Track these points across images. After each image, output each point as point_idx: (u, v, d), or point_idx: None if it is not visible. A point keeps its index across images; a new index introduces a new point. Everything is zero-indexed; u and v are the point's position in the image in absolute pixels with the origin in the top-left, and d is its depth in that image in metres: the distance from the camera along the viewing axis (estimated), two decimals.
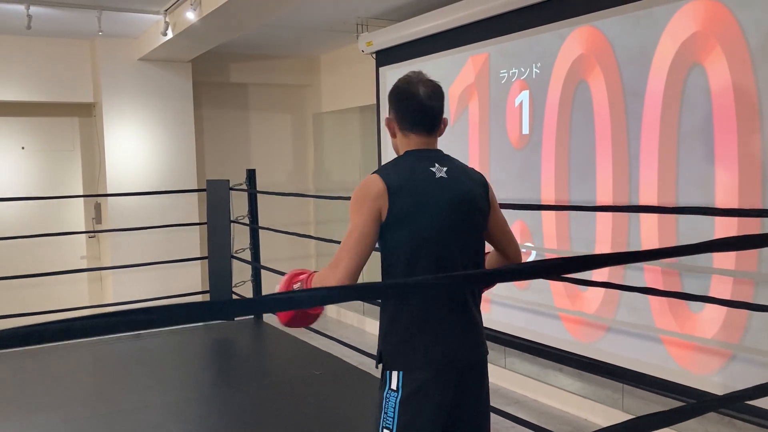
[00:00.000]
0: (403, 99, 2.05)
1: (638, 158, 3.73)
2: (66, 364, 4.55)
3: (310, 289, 1.81)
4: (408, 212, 1.94)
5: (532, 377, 4.66)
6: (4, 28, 5.77)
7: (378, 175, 1.97)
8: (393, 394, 1.96)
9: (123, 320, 0.96)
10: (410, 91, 2.04)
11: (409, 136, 2.05)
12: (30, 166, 6.66)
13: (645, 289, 3.28)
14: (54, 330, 0.88)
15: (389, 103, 2.09)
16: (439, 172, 2.00)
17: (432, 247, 1.97)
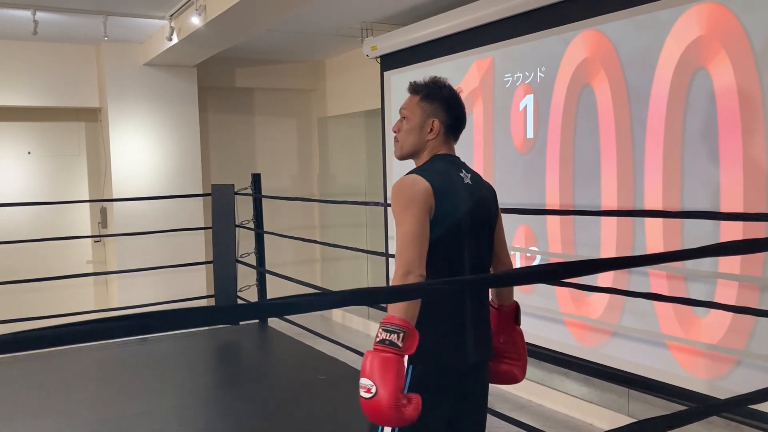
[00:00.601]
0: (456, 106, 2.14)
1: (643, 162, 3.73)
2: (71, 368, 4.56)
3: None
4: (450, 213, 1.98)
5: (538, 382, 4.64)
6: (10, 33, 5.80)
7: (420, 176, 1.99)
8: None
9: (137, 323, 0.97)
10: (460, 101, 2.16)
11: (448, 140, 2.14)
12: (36, 171, 6.69)
13: (650, 294, 3.27)
14: (52, 335, 0.89)
15: (439, 104, 2.11)
16: (466, 178, 2.10)
17: (465, 248, 2.03)
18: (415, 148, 2.13)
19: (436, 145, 2.12)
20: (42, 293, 6.04)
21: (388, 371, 1.73)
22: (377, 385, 1.73)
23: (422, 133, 2.11)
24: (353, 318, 7.08)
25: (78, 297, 6.54)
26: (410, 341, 1.77)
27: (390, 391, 1.72)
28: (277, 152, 7.74)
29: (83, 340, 1.00)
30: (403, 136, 2.13)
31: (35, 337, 0.93)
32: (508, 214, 4.57)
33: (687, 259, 1.54)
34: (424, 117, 2.10)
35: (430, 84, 2.13)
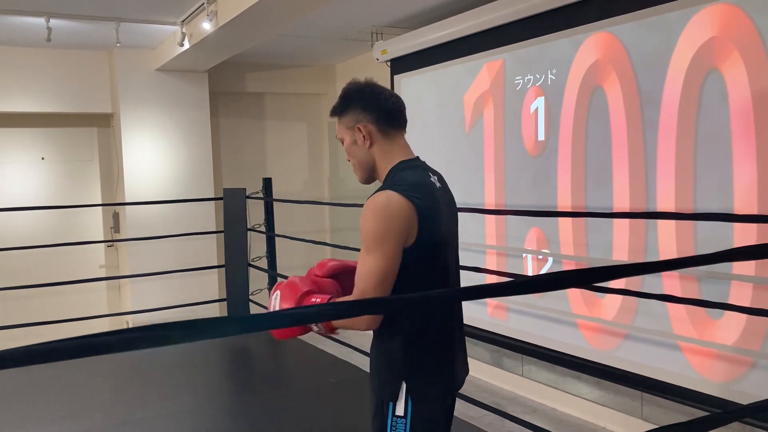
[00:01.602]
0: (375, 99, 1.87)
1: (655, 164, 3.71)
2: (87, 372, 4.59)
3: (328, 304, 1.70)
4: (433, 234, 1.79)
5: (550, 385, 4.63)
6: (24, 40, 5.86)
7: (403, 197, 1.74)
8: (401, 421, 1.82)
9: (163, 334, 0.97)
10: (376, 89, 1.90)
11: (390, 134, 1.88)
12: (49, 176, 6.74)
13: (663, 296, 3.25)
14: (73, 346, 0.90)
15: (355, 104, 1.88)
16: (436, 183, 1.90)
17: (441, 260, 1.87)
18: (367, 166, 1.91)
19: (382, 149, 1.88)
20: (56, 297, 6.09)
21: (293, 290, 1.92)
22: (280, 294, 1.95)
23: (361, 148, 1.88)
24: None
25: (91, 301, 6.59)
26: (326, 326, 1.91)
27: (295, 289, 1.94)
28: (288, 156, 7.77)
29: (103, 351, 1.00)
30: (352, 162, 1.94)
31: (52, 349, 0.94)
32: (521, 217, 4.58)
33: (701, 265, 1.53)
34: (350, 131, 1.88)
35: (341, 95, 1.92)
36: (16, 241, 6.03)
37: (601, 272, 1.29)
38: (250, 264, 5.73)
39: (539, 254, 4.56)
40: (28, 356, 0.90)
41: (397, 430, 1.82)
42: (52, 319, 5.35)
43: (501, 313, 4.87)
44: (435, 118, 5.34)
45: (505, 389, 4.94)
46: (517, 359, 4.91)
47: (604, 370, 4.02)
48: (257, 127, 7.64)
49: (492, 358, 5.12)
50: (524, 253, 4.67)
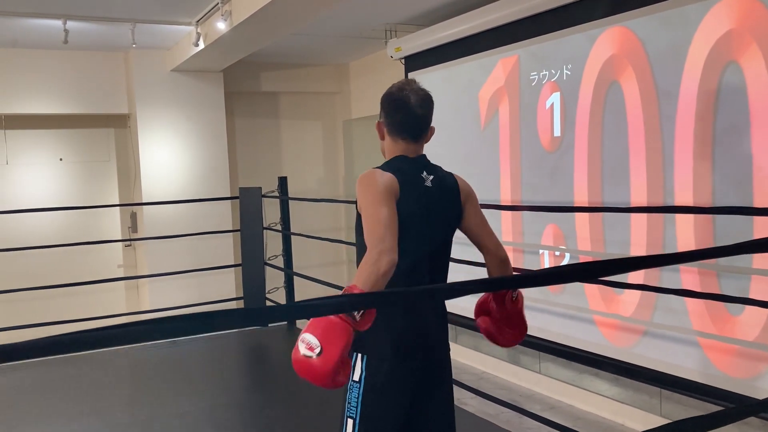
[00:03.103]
0: (395, 107, 2.14)
1: (673, 159, 3.68)
2: (104, 371, 4.64)
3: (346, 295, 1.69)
4: (408, 211, 1.99)
5: (568, 382, 4.60)
6: (42, 42, 5.92)
7: (386, 171, 2.03)
8: (356, 385, 1.99)
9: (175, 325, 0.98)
10: (402, 100, 2.13)
11: (397, 141, 2.16)
12: (67, 177, 6.81)
13: (682, 291, 3.22)
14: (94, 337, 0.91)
15: (381, 107, 2.19)
16: (427, 180, 2.10)
17: (413, 247, 2.01)
18: (383, 151, 2.23)
19: (390, 147, 2.17)
20: (75, 297, 6.15)
21: (340, 338, 1.68)
22: (323, 348, 1.68)
23: (380, 142, 2.23)
24: None
25: (110, 300, 6.65)
26: (367, 318, 1.72)
27: (334, 358, 1.68)
28: (303, 155, 7.79)
29: (115, 343, 1.01)
30: None
31: (54, 343, 0.95)
32: (537, 213, 4.56)
33: (724, 256, 1.52)
34: (377, 126, 2.22)
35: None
36: (35, 242, 6.09)
37: (613, 264, 1.28)
38: (266, 262, 5.75)
39: (556, 250, 4.54)
40: (51, 347, 0.91)
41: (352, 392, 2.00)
42: (72, 319, 5.41)
43: None
44: (450, 115, 5.33)
45: (523, 386, 4.92)
46: (535, 356, 4.88)
47: (623, 366, 3.99)
48: (272, 126, 7.66)
49: (509, 355, 5.11)
50: (541, 249, 4.64)
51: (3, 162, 6.52)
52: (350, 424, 2.00)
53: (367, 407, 1.98)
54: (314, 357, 1.68)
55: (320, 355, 1.67)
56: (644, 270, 3.73)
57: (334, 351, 1.67)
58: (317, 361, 1.68)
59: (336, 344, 1.67)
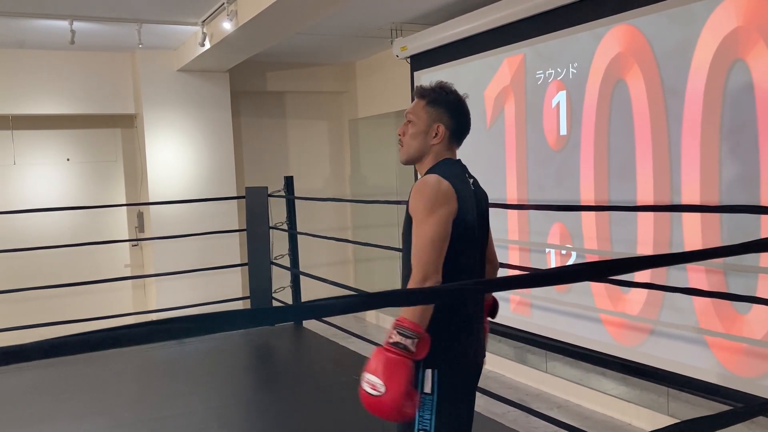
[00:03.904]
0: (462, 114, 2.15)
1: (679, 157, 3.67)
2: (111, 370, 4.66)
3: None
4: (466, 218, 2.00)
5: (575, 381, 4.60)
6: (49, 43, 5.94)
7: (445, 179, 1.99)
8: (428, 398, 1.97)
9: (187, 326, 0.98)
10: (464, 105, 2.16)
11: (451, 144, 2.15)
12: (75, 177, 6.84)
13: (689, 290, 3.21)
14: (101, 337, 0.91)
15: (445, 110, 2.12)
16: (470, 183, 2.13)
17: (471, 251, 2.07)
18: (419, 153, 2.13)
19: (440, 150, 2.12)
20: (82, 296, 6.18)
21: (399, 374, 1.78)
22: (385, 386, 1.77)
23: (427, 138, 2.11)
24: (387, 318, 7.09)
25: (117, 300, 6.67)
26: (422, 347, 1.82)
27: (397, 394, 1.77)
28: (309, 154, 7.80)
29: (122, 344, 1.02)
30: (408, 140, 2.14)
31: (72, 342, 0.96)
32: (542, 212, 4.55)
33: (730, 256, 1.52)
34: (429, 122, 2.11)
35: (437, 89, 2.14)
36: (43, 241, 6.12)
37: (621, 264, 1.28)
38: (272, 262, 5.76)
39: (563, 249, 4.53)
40: (57, 348, 0.92)
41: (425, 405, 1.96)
42: (79, 318, 5.43)
43: (524, 309, 4.85)
44: None
45: (530, 385, 4.92)
46: (541, 355, 4.88)
47: (630, 365, 3.98)
48: (278, 125, 7.67)
49: (516, 354, 5.10)
50: (547, 248, 4.64)
51: (11, 162, 6.55)
52: None
53: (442, 418, 1.97)
54: (379, 395, 1.77)
55: (385, 393, 1.76)
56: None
57: (397, 387, 1.76)
58: (383, 398, 1.77)
59: (397, 380, 1.77)
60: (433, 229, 1.91)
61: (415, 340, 1.80)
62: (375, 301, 1.49)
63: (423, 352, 1.83)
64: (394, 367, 1.78)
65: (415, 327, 1.83)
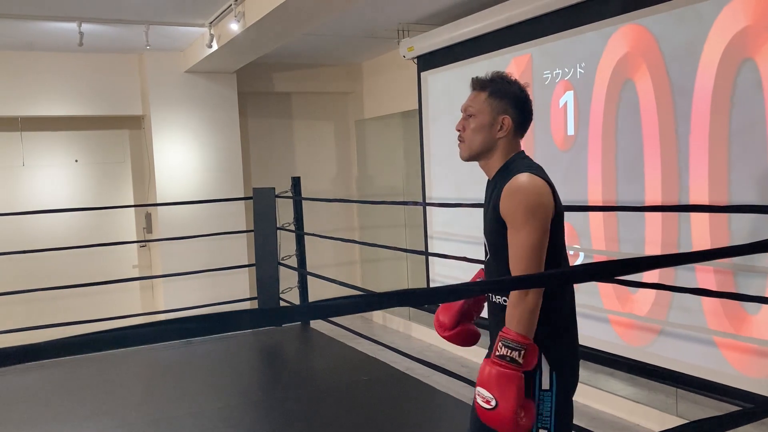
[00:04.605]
0: (526, 105, 2.04)
1: (687, 157, 3.65)
2: (119, 371, 4.67)
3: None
4: (560, 211, 1.95)
5: (582, 382, 4.56)
6: (57, 45, 5.97)
7: (542, 179, 1.93)
8: (547, 394, 1.94)
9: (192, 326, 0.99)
10: (529, 97, 2.06)
11: (516, 137, 2.05)
12: (83, 179, 6.87)
13: (697, 290, 3.20)
14: (112, 336, 0.91)
15: (509, 100, 2.01)
16: None
17: (564, 243, 2.03)
18: (484, 148, 2.02)
19: (507, 143, 2.02)
20: (90, 297, 6.20)
21: (509, 387, 1.77)
22: (497, 399, 1.77)
23: (492, 131, 2.00)
24: (393, 319, 7.09)
25: (125, 300, 6.70)
26: (530, 357, 1.81)
27: (511, 406, 1.76)
28: (316, 155, 7.81)
29: (130, 344, 1.02)
30: (470, 135, 2.02)
31: (77, 343, 0.96)
32: None
33: (739, 256, 1.51)
34: (494, 114, 1.99)
35: (498, 79, 2.02)
36: (51, 242, 6.15)
37: (628, 264, 1.28)
38: (280, 262, 5.77)
39: (570, 249, 4.52)
40: (66, 347, 0.92)
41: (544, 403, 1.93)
42: (88, 319, 5.46)
43: None
44: None
45: None
46: None
47: (638, 366, 3.97)
48: (285, 126, 7.69)
49: None
50: None
51: (19, 164, 6.59)
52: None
53: (561, 416, 1.96)
54: (493, 409, 1.78)
55: (498, 407, 1.77)
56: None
57: (510, 400, 1.76)
58: (498, 412, 1.77)
59: (509, 394, 1.76)
60: (534, 234, 1.84)
61: (522, 352, 1.79)
62: (388, 299, 1.49)
63: (532, 363, 1.82)
64: (504, 380, 1.78)
65: (520, 338, 1.81)
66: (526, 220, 1.84)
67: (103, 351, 1.02)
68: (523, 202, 1.85)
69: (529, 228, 1.84)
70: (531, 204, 1.85)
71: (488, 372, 1.79)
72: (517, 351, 1.78)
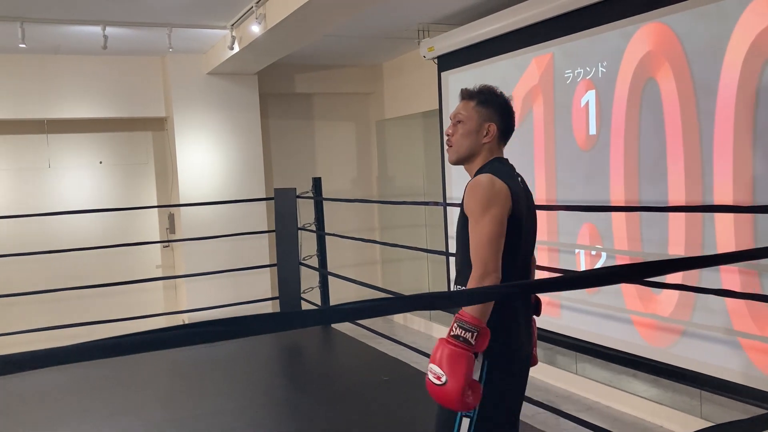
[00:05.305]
0: (510, 115, 2.23)
1: (711, 156, 3.61)
2: (143, 370, 4.73)
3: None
4: (519, 218, 2.07)
5: (605, 383, 4.55)
6: (82, 48, 6.06)
7: (499, 179, 2.06)
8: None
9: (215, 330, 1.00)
10: (513, 110, 2.24)
11: (500, 144, 2.23)
12: (107, 180, 6.96)
13: (721, 291, 3.16)
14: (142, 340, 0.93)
15: (495, 110, 2.19)
16: (519, 182, 2.20)
17: (525, 248, 2.15)
18: (470, 152, 2.20)
19: (490, 149, 2.20)
20: (115, 297, 6.28)
21: (459, 365, 1.88)
22: (447, 375, 1.89)
23: (478, 137, 2.18)
24: (414, 319, 7.09)
25: (149, 300, 6.77)
26: (482, 340, 1.91)
27: (458, 383, 1.88)
28: (337, 156, 7.83)
29: (159, 347, 1.04)
30: (458, 139, 2.20)
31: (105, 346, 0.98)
32: (571, 212, 4.52)
33: (765, 258, 1.50)
34: (480, 121, 2.18)
35: (485, 91, 2.22)
36: (77, 243, 6.24)
37: (655, 266, 1.27)
38: (301, 263, 5.80)
39: (592, 250, 4.49)
40: (93, 351, 0.94)
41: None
42: (112, 318, 5.53)
43: (553, 310, 4.81)
44: None
45: (559, 387, 4.88)
46: (571, 357, 4.84)
47: (661, 367, 3.93)
48: (306, 127, 7.72)
49: (545, 355, 5.07)
50: (577, 248, 4.60)
51: (45, 165, 6.69)
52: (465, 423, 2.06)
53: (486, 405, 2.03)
54: (443, 385, 1.89)
55: (447, 383, 1.88)
56: None
57: (459, 378, 1.88)
58: (446, 388, 1.88)
59: (459, 372, 1.88)
60: (489, 227, 1.99)
61: (474, 333, 1.89)
62: (395, 305, 1.50)
63: (483, 345, 1.92)
64: (455, 358, 1.88)
65: (475, 320, 1.91)
66: (483, 212, 2.00)
67: (125, 355, 1.04)
68: (479, 197, 2.02)
69: (486, 220, 1.99)
70: (487, 198, 2.01)
71: (441, 350, 1.92)
72: (470, 332, 1.89)
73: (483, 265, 1.97)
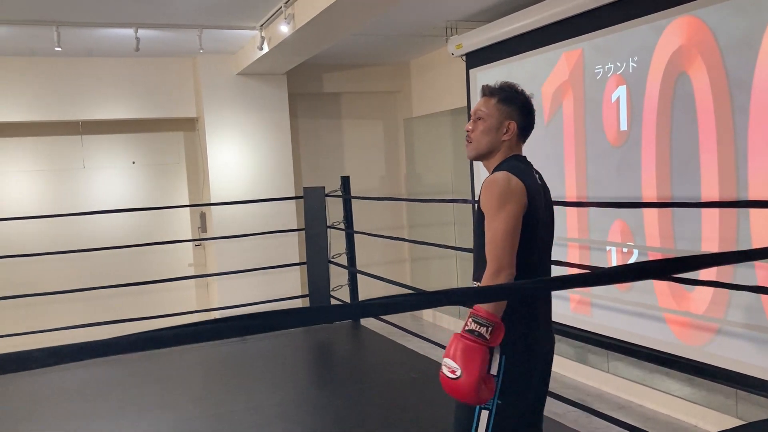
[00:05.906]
0: (530, 113, 2.25)
1: (746, 151, 3.55)
2: (177, 367, 4.80)
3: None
4: (535, 214, 2.10)
5: (637, 382, 4.50)
6: (115, 51, 6.17)
7: (516, 176, 2.08)
8: (494, 380, 2.04)
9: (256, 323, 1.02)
10: (533, 108, 2.26)
11: (519, 142, 2.25)
12: (140, 180, 7.07)
13: (757, 288, 3.11)
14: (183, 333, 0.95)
15: (516, 107, 2.21)
16: (537, 179, 2.22)
17: (542, 243, 2.18)
18: (489, 149, 2.22)
19: (510, 146, 2.22)
20: (148, 295, 6.39)
21: (474, 359, 1.91)
22: (462, 369, 1.91)
23: (498, 134, 2.20)
24: (443, 317, 7.09)
25: (181, 298, 6.87)
26: (497, 334, 1.93)
27: (473, 377, 1.90)
28: (365, 154, 7.86)
29: (193, 341, 1.06)
30: (478, 136, 2.22)
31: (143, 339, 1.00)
32: (604, 208, 4.48)
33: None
34: (501, 118, 2.20)
35: (506, 88, 2.23)
36: (110, 242, 6.35)
37: (684, 262, 1.26)
38: (330, 261, 5.83)
39: (624, 247, 4.44)
40: (132, 344, 0.96)
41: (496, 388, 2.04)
42: (145, 316, 5.62)
43: (585, 308, 4.77)
44: None
45: (591, 386, 4.84)
46: (603, 355, 4.80)
47: (695, 366, 3.88)
48: (335, 126, 7.76)
49: (576, 354, 5.03)
50: (608, 245, 4.56)
51: (80, 166, 6.82)
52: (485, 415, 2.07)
53: (505, 400, 2.05)
54: (457, 378, 1.91)
55: (461, 377, 1.91)
56: None
57: (473, 372, 1.90)
58: (460, 382, 1.91)
59: (473, 366, 1.90)
60: (505, 223, 2.01)
61: (489, 328, 1.91)
62: (420, 300, 1.50)
63: (498, 340, 1.93)
64: (469, 353, 1.90)
65: (490, 315, 1.93)
66: (498, 209, 2.03)
67: (161, 349, 1.06)
68: (495, 194, 2.05)
69: (501, 216, 2.02)
70: (503, 195, 2.03)
71: (456, 344, 1.94)
72: (485, 327, 1.92)
73: (497, 261, 1.99)
